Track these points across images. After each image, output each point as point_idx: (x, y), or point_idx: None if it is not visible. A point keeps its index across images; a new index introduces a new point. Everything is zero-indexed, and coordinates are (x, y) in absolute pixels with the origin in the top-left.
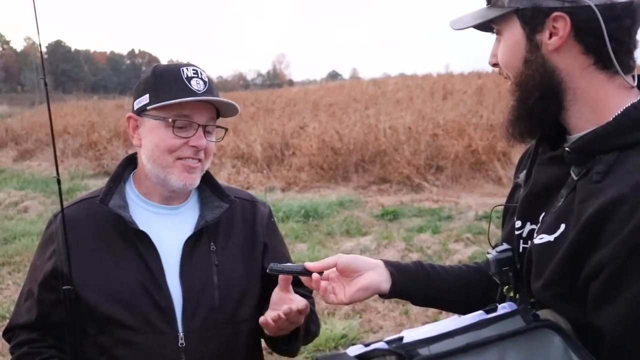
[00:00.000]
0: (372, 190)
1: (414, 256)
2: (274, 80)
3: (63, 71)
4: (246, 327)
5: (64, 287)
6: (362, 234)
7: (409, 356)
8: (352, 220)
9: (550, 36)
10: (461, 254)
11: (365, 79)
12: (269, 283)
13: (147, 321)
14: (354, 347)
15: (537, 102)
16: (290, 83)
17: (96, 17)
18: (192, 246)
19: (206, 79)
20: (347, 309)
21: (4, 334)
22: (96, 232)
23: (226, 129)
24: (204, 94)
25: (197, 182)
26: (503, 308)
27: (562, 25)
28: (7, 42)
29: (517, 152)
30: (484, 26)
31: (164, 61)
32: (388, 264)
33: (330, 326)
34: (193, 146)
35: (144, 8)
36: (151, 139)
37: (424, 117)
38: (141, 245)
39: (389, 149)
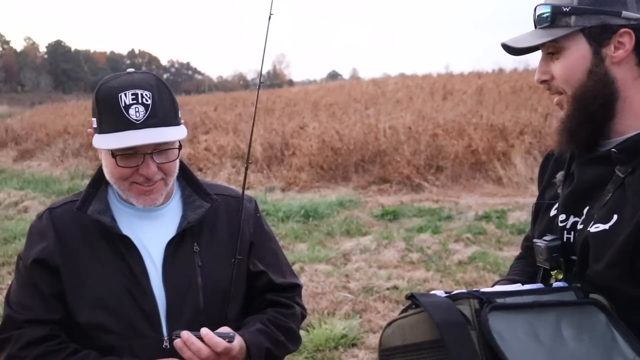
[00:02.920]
0: (372, 190)
1: (414, 256)
2: (274, 80)
3: (63, 71)
4: (232, 328)
5: (233, 260)
6: (362, 234)
7: (488, 301)
8: (352, 220)
9: (615, 50)
10: (461, 254)
11: (365, 79)
12: (254, 283)
13: (131, 326)
14: (436, 291)
15: (599, 109)
16: (290, 83)
17: (96, 17)
18: (174, 248)
19: (148, 101)
20: (347, 308)
21: None
22: (80, 236)
23: (180, 147)
24: (143, 122)
25: (160, 200)
26: (558, 283)
27: (628, 40)
28: (7, 42)
29: (517, 152)
30: (528, 49)
31: (163, 61)
32: None
33: (330, 326)
34: (142, 175)
35: (144, 8)
36: (105, 163)
37: (424, 117)
38: (124, 249)
39: (389, 149)
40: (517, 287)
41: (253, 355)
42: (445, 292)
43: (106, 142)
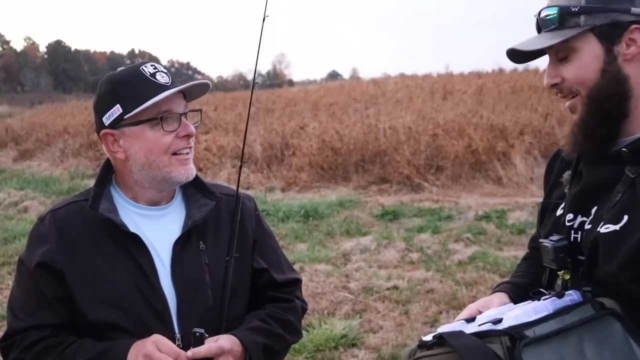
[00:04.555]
0: (372, 190)
1: (414, 256)
2: (274, 80)
3: (63, 71)
4: (238, 324)
5: (227, 257)
6: (362, 234)
7: (520, 337)
8: (352, 220)
9: (627, 47)
10: (461, 254)
11: (365, 79)
12: (256, 280)
13: (143, 324)
14: (457, 323)
15: (616, 108)
16: (290, 83)
17: (96, 17)
18: (181, 247)
19: (165, 70)
20: (347, 308)
21: (1, 341)
22: (87, 236)
23: (200, 110)
24: (172, 84)
25: (194, 171)
26: (569, 295)
27: (639, 36)
28: (7, 42)
29: (517, 152)
30: (531, 54)
31: (164, 61)
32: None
33: (330, 326)
34: (185, 135)
35: (144, 8)
36: (141, 145)
37: (424, 117)
38: (133, 248)
39: (389, 149)
40: (535, 307)
41: (251, 352)
42: (466, 320)
43: (152, 100)
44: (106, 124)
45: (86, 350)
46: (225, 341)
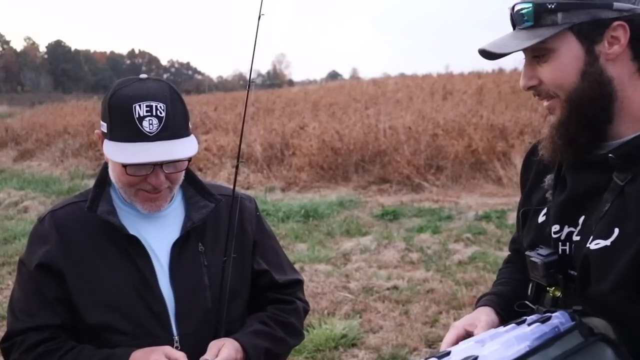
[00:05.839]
0: (372, 190)
1: (414, 256)
2: (274, 80)
3: (63, 71)
4: (238, 326)
5: (225, 258)
6: (362, 234)
7: None
8: (352, 220)
9: (609, 46)
10: (461, 254)
11: (365, 79)
12: (257, 281)
13: (141, 326)
14: None
15: (599, 112)
16: (290, 83)
17: (96, 17)
18: (180, 248)
19: (162, 114)
20: (347, 308)
21: (1, 342)
22: (86, 238)
23: (189, 160)
24: (156, 135)
25: (164, 206)
26: (556, 317)
27: (622, 34)
28: (7, 42)
29: (517, 152)
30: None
31: (164, 61)
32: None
33: (330, 326)
34: (150, 183)
35: (144, 8)
36: (112, 167)
37: (424, 117)
38: (132, 250)
39: (389, 149)
40: (517, 336)
41: (252, 357)
42: (438, 357)
43: (118, 153)
44: (101, 129)
45: (85, 357)
46: (230, 351)
